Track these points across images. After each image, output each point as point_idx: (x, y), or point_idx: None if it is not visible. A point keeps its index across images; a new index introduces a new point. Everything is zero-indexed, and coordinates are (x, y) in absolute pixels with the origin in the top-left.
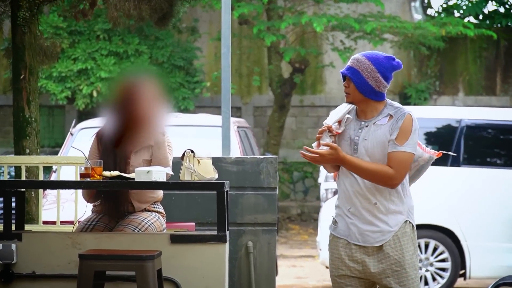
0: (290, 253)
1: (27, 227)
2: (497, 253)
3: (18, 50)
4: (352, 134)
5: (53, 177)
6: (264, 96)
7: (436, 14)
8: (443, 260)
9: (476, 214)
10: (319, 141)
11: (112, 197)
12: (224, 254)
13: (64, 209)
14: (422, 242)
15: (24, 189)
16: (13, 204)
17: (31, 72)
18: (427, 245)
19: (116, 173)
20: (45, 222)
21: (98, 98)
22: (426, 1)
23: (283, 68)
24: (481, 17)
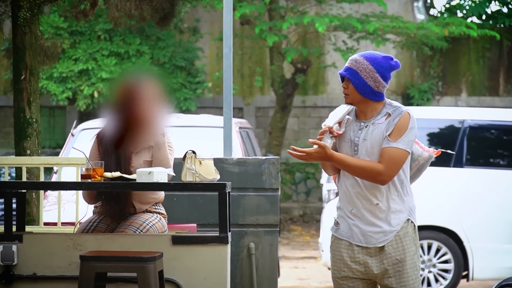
0: (292, 255)
1: (28, 228)
2: (500, 254)
3: (18, 50)
4: (352, 136)
5: (54, 178)
6: (266, 96)
7: (439, 14)
8: (446, 262)
9: (479, 215)
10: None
11: (113, 198)
12: (226, 255)
13: (65, 211)
14: (425, 243)
15: (25, 190)
16: (14, 205)
17: (32, 72)
18: (430, 246)
19: (117, 174)
20: (46, 223)
21: (99, 98)
22: (428, 1)
23: (285, 68)
24: (484, 17)
